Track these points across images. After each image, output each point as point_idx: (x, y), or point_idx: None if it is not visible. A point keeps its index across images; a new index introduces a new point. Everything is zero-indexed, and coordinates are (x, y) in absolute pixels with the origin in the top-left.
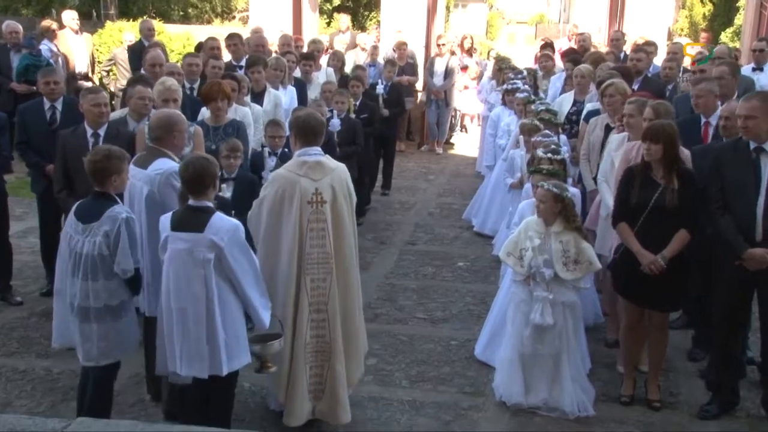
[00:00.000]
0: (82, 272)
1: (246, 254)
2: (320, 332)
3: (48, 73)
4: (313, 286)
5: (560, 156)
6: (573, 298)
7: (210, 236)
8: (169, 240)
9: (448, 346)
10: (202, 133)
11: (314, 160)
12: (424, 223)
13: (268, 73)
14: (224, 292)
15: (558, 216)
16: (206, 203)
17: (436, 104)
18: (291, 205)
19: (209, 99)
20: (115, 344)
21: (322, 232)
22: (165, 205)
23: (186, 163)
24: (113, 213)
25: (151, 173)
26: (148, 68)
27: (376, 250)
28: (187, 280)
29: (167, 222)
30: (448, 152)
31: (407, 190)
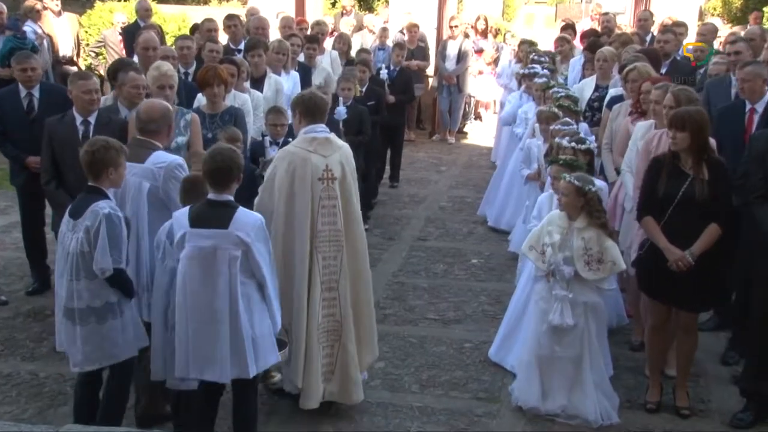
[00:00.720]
0: (68, 271)
1: (268, 250)
2: (331, 311)
3: (23, 58)
4: (324, 264)
5: (586, 146)
6: (595, 299)
7: (236, 232)
8: (187, 237)
9: (460, 349)
10: (199, 122)
11: (323, 137)
12: (436, 217)
13: (269, 57)
14: (249, 288)
15: (581, 211)
16: (228, 197)
17: (448, 90)
18: (303, 182)
19: (205, 85)
20: (100, 349)
21: (333, 209)
22: (170, 200)
23: (212, 154)
24: (96, 208)
25: (151, 167)
26: (141, 52)
27: (384, 246)
28: (211, 279)
29: (184, 218)
30: (461, 142)
31: (417, 183)
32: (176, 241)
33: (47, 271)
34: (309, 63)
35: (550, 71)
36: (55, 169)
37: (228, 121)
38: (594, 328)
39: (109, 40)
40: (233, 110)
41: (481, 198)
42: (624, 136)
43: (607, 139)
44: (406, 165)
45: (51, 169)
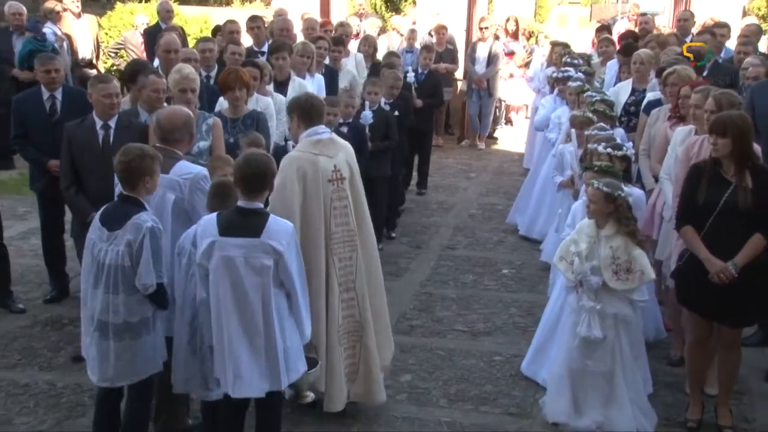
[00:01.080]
0: (104, 284)
1: (299, 259)
2: (350, 312)
3: (47, 60)
4: (341, 266)
5: (622, 152)
6: (626, 311)
7: (268, 241)
8: (216, 246)
9: (490, 362)
10: (221, 126)
11: (327, 138)
12: (465, 225)
13: (294, 59)
14: (279, 298)
15: (609, 218)
16: (259, 204)
17: (477, 94)
18: (313, 186)
19: (226, 88)
20: (131, 365)
21: (345, 209)
22: (195, 212)
23: (247, 159)
24: (138, 221)
25: (176, 178)
26: (162, 54)
27: (412, 255)
28: (244, 290)
29: (212, 226)
30: (491, 147)
31: (446, 190)
32: (203, 249)
33: (65, 278)
34: (334, 66)
35: (586, 74)
36: (74, 174)
37: (250, 125)
38: (626, 341)
39: (129, 42)
40: (255, 114)
41: (512, 206)
42: (662, 141)
43: (645, 144)
44: (435, 171)
45: (70, 174)
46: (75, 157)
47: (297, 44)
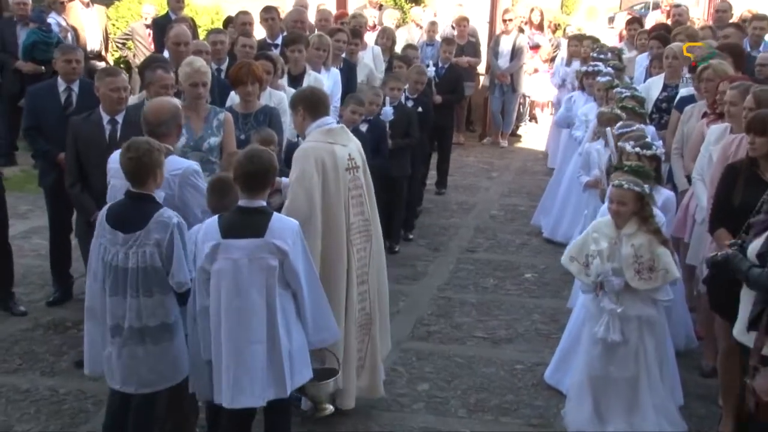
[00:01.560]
0: (132, 288)
1: (307, 258)
2: (363, 305)
3: (69, 50)
4: (357, 257)
5: (652, 151)
6: (650, 312)
7: (273, 240)
8: (220, 249)
9: (512, 371)
10: (232, 122)
11: (338, 127)
12: (486, 227)
13: (309, 53)
14: (285, 300)
15: (632, 216)
16: (262, 202)
17: (500, 90)
18: (333, 176)
19: (238, 82)
20: (173, 366)
21: (360, 198)
22: (187, 208)
23: (249, 155)
24: (162, 218)
25: (165, 174)
26: (172, 47)
27: (430, 257)
28: (247, 294)
29: (214, 229)
30: (515, 146)
31: (466, 189)
32: (206, 253)
33: (69, 280)
34: (351, 59)
35: (616, 69)
36: (79, 170)
37: (262, 121)
38: (651, 344)
39: (136, 33)
40: (268, 110)
41: (536, 207)
42: (697, 140)
43: (678, 143)
44: (455, 170)
45: (75, 171)
46: (80, 153)
47: (313, 36)
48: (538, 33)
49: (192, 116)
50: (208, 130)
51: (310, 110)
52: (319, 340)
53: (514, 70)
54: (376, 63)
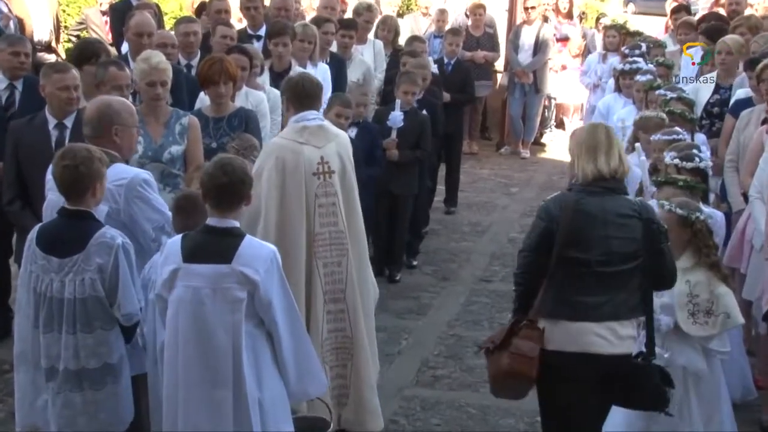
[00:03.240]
0: (68, 323)
1: (285, 291)
2: (339, 325)
3: (16, 40)
4: (326, 272)
5: (693, 164)
6: (699, 366)
7: (240, 268)
8: (180, 275)
9: (532, 423)
10: (198, 127)
11: (315, 125)
12: (503, 252)
13: (294, 45)
14: (257, 340)
15: (687, 246)
16: (233, 223)
17: (521, 90)
18: (294, 178)
19: (208, 82)
20: (116, 413)
21: (332, 207)
22: (136, 225)
23: (219, 164)
24: (104, 239)
25: (108, 185)
26: (133, 38)
27: (437, 288)
28: (209, 329)
29: (176, 251)
30: (538, 156)
31: (480, 208)
32: (165, 278)
33: (9, 313)
34: (343, 54)
35: (660, 66)
36: (20, 184)
37: (237, 126)
38: (695, 402)
39: (91, 21)
40: (244, 113)
41: None
42: (755, 151)
43: (733, 155)
44: (466, 185)
45: (16, 185)
46: (21, 163)
47: (297, 26)
48: (567, 22)
49: (150, 121)
50: (170, 137)
51: (293, 101)
52: (301, 391)
53: (538, 66)
54: (377, 60)
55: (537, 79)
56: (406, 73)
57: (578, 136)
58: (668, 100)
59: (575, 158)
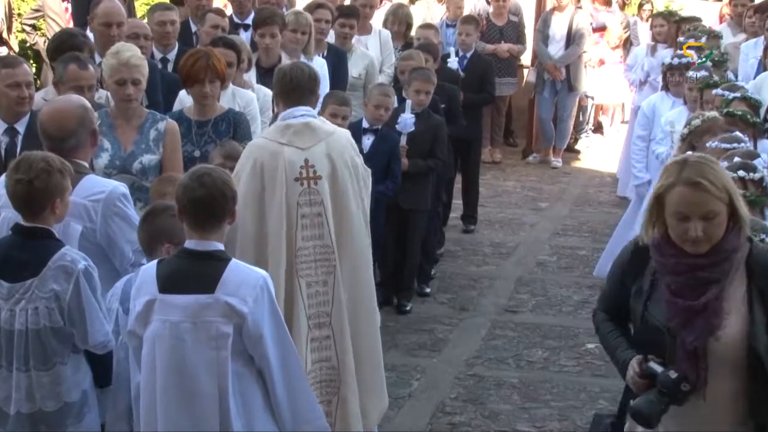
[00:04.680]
0: (18, 360)
1: (278, 323)
2: (324, 354)
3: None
4: (310, 293)
5: (759, 174)
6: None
7: (225, 298)
8: (156, 307)
9: None
10: (177, 133)
11: (301, 122)
12: (532, 278)
13: (284, 36)
14: (246, 382)
15: None
16: (216, 245)
17: (552, 88)
18: (273, 185)
19: (192, 80)
20: None
21: (318, 218)
22: (114, 246)
23: (196, 176)
24: (64, 262)
25: (82, 201)
26: (99, 28)
27: (454, 320)
28: (191, 369)
29: (150, 279)
30: (572, 165)
31: (504, 226)
32: (138, 311)
33: None
34: (342, 46)
35: (719, 64)
36: None
37: (224, 132)
38: None
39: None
40: (232, 116)
41: (601, 250)
42: None
43: None
44: (488, 199)
45: None
46: None
47: (288, 14)
48: (605, 9)
49: (120, 125)
50: (142, 144)
51: (281, 94)
52: None
53: (571, 60)
54: (384, 53)
55: (570, 75)
56: (419, 69)
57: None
58: (729, 101)
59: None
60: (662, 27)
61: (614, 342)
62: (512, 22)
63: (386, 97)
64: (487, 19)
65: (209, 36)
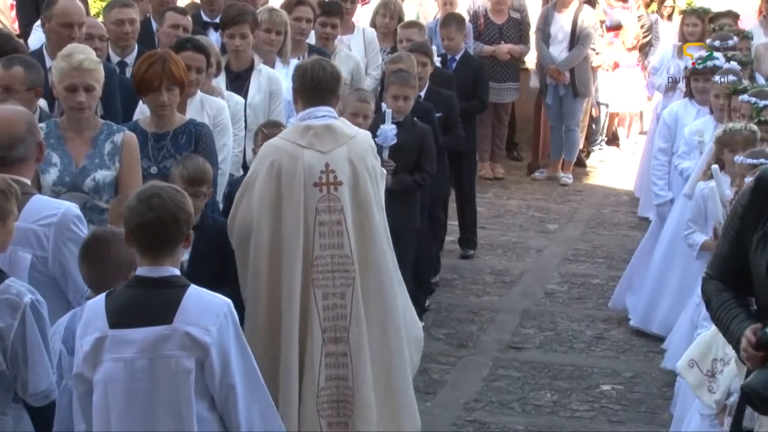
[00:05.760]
0: None
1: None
2: (340, 372)
3: None
4: (326, 305)
5: None
6: None
7: (186, 328)
8: (106, 345)
9: None
10: (136, 146)
11: (322, 124)
12: (539, 310)
13: (257, 37)
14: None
15: None
16: (172, 270)
17: (556, 94)
18: (291, 189)
19: (146, 87)
20: None
21: (337, 226)
22: (67, 277)
23: (144, 196)
24: (7, 295)
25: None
26: (56, 29)
27: (451, 358)
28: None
29: (99, 314)
30: (584, 182)
31: (507, 250)
32: (86, 351)
33: None
34: (324, 47)
35: (743, 64)
36: None
37: (184, 145)
38: None
39: None
40: (194, 128)
41: (617, 279)
42: None
43: None
44: (489, 220)
45: None
46: None
47: (262, 12)
48: (621, 5)
49: (71, 137)
50: (96, 158)
51: (302, 92)
52: None
53: (576, 63)
54: (369, 55)
55: (576, 79)
56: (396, 72)
57: None
58: (760, 109)
59: None
60: (695, 27)
61: (730, 314)
62: (514, 20)
63: (364, 104)
64: (485, 16)
65: (169, 38)
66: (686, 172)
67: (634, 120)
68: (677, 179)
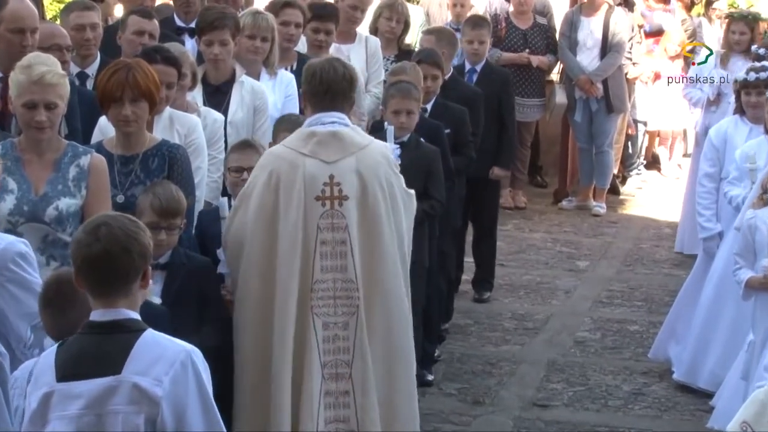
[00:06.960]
0: None
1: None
2: (341, 413)
3: None
4: (326, 336)
5: None
6: None
7: (134, 379)
8: (54, 401)
9: None
10: (105, 170)
11: (328, 131)
12: (567, 361)
13: (240, 44)
14: None
15: None
16: (127, 313)
17: (586, 110)
18: (289, 202)
19: (108, 99)
20: None
21: (341, 246)
22: (6, 324)
23: (92, 225)
24: None
25: None
26: (7, 36)
27: (465, 417)
28: None
29: (48, 366)
30: (619, 212)
31: (531, 292)
32: (33, 409)
33: None
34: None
35: None
36: None
37: (155, 170)
38: None
39: None
40: (167, 149)
41: (659, 325)
42: None
43: None
44: (508, 256)
45: None
46: None
47: (245, 15)
48: (662, 8)
49: (30, 159)
50: (59, 184)
51: (310, 96)
52: None
53: (609, 73)
54: (371, 68)
55: (609, 93)
56: (396, 84)
57: None
58: None
59: None
60: (743, 35)
61: None
62: (540, 26)
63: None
64: (507, 20)
65: (132, 45)
66: (736, 200)
67: (678, 140)
68: (727, 209)
